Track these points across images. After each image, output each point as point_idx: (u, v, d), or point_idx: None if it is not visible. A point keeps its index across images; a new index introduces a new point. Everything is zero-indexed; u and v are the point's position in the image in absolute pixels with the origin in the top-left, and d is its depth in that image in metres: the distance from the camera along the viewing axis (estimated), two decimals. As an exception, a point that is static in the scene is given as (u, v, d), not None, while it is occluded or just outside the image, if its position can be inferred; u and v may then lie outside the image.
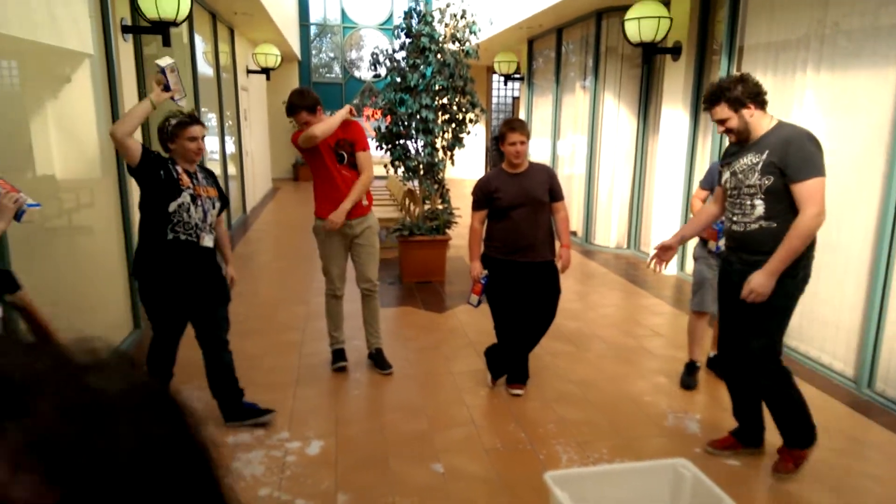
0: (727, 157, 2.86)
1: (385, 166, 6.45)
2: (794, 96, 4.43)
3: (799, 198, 2.57)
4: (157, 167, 2.90)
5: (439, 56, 5.92)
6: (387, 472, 2.93)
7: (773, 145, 2.61)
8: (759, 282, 2.63)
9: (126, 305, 4.57)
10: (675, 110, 6.30)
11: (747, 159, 2.69)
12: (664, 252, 3.09)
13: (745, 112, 2.66)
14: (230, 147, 9.19)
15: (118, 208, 4.48)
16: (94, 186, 4.28)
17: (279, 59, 11.23)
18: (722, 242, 3.27)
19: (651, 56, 6.41)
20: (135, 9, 5.64)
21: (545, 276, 3.58)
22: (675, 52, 6.18)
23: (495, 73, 11.65)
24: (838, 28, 4.04)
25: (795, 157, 2.56)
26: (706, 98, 2.76)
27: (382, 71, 6.14)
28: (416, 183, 6.49)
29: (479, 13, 6.58)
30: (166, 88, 2.89)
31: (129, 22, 5.61)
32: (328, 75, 16.43)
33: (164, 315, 3.06)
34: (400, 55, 6.12)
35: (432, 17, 5.98)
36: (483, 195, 3.57)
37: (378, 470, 2.94)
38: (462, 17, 6.11)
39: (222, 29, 9.43)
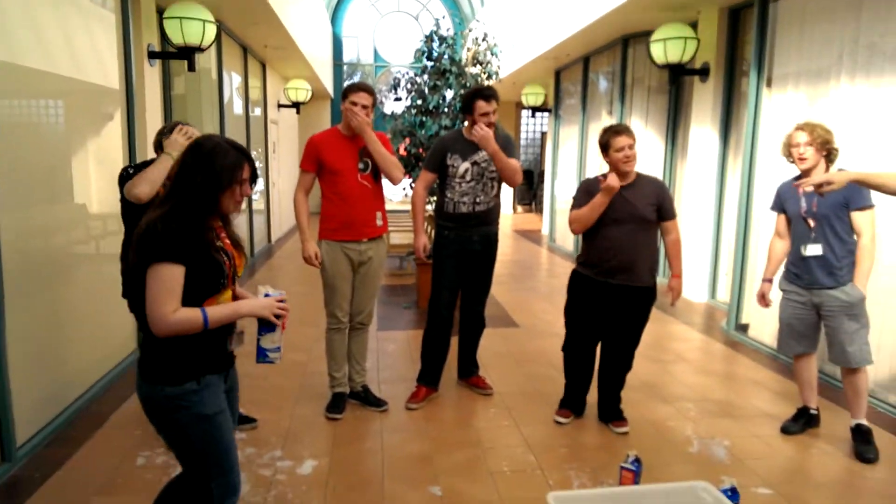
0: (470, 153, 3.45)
1: (403, 189, 6.35)
2: (828, 109, 4.19)
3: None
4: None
5: (460, 78, 5.87)
6: (380, 493, 2.69)
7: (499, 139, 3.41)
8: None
9: (132, 327, 4.49)
10: (704, 132, 6.08)
11: (483, 153, 3.42)
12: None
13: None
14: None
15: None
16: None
17: (309, 93, 11.43)
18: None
19: (678, 77, 6.24)
20: (163, 35, 5.75)
21: (638, 302, 3.17)
22: (703, 73, 6.00)
23: (524, 107, 11.60)
24: (874, 48, 3.81)
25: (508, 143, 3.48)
26: (494, 93, 3.36)
27: (403, 94, 6.11)
28: (436, 206, 6.36)
29: (502, 38, 6.54)
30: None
31: (156, 48, 5.72)
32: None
33: None
34: (421, 78, 6.09)
35: (453, 40, 5.96)
36: (587, 198, 3.12)
37: (371, 491, 2.71)
38: (483, 39, 6.08)
39: (253, 63, 9.63)
